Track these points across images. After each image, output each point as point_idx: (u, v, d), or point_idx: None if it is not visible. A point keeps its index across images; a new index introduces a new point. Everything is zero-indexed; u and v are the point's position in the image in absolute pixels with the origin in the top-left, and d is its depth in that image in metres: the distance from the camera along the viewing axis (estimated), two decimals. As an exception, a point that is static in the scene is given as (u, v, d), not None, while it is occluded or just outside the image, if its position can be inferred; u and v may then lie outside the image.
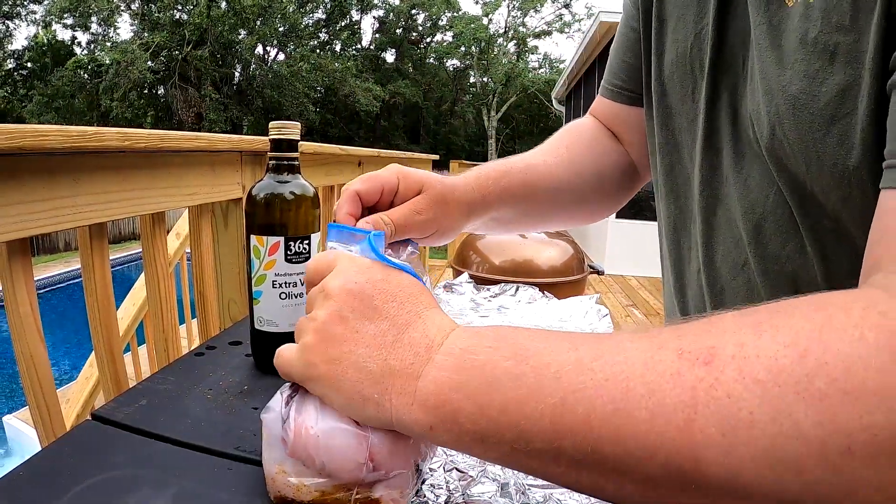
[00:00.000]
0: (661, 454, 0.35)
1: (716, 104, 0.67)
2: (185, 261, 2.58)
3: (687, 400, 0.34)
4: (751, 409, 0.32)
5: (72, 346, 6.78)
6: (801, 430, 0.31)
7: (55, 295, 10.46)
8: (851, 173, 0.49)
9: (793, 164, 0.55)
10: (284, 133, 0.80)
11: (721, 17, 0.65)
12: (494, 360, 0.42)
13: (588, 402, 0.37)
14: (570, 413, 0.37)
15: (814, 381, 0.31)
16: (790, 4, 0.54)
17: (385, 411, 0.45)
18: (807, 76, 0.51)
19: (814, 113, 0.51)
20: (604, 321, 1.06)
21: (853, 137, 0.48)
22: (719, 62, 0.66)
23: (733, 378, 0.33)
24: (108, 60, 23.06)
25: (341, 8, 29.59)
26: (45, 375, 1.07)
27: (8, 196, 0.93)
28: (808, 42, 0.51)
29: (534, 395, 0.39)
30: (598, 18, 9.18)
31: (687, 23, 0.70)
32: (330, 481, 0.49)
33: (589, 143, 0.92)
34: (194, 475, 0.58)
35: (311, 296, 0.54)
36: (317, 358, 0.48)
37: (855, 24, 0.47)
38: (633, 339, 0.39)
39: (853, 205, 0.51)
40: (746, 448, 0.32)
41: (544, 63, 34.83)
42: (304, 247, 0.80)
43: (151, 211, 1.31)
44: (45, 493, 0.53)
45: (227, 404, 0.73)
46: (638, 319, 5.85)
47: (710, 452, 0.33)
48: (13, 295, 1.01)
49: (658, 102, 0.77)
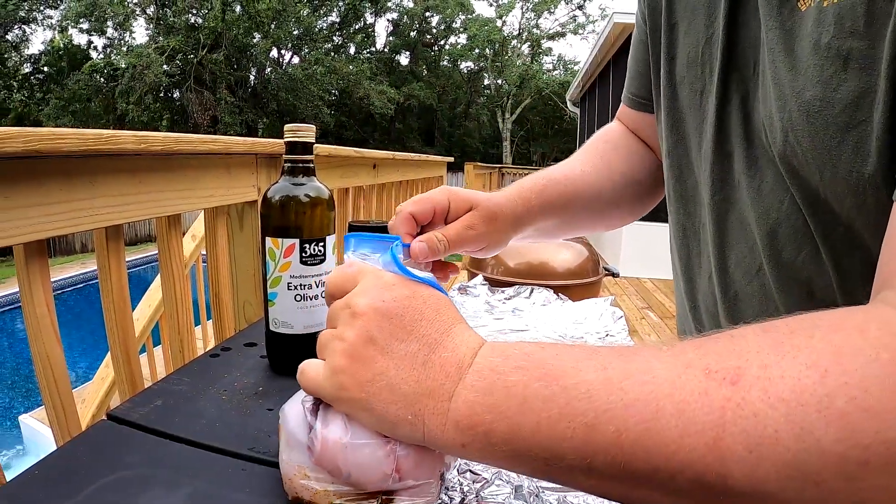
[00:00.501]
0: (689, 470, 0.36)
1: (726, 107, 0.66)
2: (200, 263, 2.60)
3: (715, 419, 0.35)
4: (776, 427, 0.34)
5: (88, 346, 6.83)
6: (822, 446, 0.33)
7: (71, 296, 10.55)
8: (867, 181, 0.49)
9: (806, 171, 0.54)
10: (299, 135, 0.80)
11: (732, 20, 0.65)
12: (524, 381, 0.42)
13: (619, 421, 0.38)
14: (601, 432, 0.38)
15: (834, 400, 0.33)
16: (803, 9, 0.53)
17: (418, 431, 0.46)
18: (820, 82, 0.50)
19: (828, 120, 0.50)
20: (619, 323, 1.05)
21: (869, 145, 0.48)
22: (730, 65, 0.65)
23: (759, 398, 0.35)
24: (124, 64, 23.22)
25: (355, 11, 29.68)
26: (61, 375, 1.08)
27: (25, 198, 0.93)
28: (822, 47, 0.50)
29: (565, 416, 0.40)
30: (612, 19, 9.14)
31: (697, 27, 0.70)
32: (353, 490, 0.49)
33: (619, 149, 0.95)
34: (209, 475, 0.58)
35: (334, 311, 0.53)
36: (348, 381, 0.48)
37: (869, 29, 0.46)
38: (659, 358, 0.40)
39: (867, 211, 0.51)
40: (771, 463, 0.34)
41: (558, 65, 34.75)
42: (319, 249, 0.81)
43: (167, 213, 1.32)
44: (60, 492, 0.53)
45: (241, 405, 0.74)
46: (653, 322, 5.83)
47: (737, 467, 0.35)
48: (30, 296, 1.02)
49: (668, 106, 0.77)
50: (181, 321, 1.48)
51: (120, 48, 24.62)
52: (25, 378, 7.41)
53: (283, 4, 24.62)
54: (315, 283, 0.81)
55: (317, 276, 0.81)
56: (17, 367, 8.09)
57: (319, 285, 0.82)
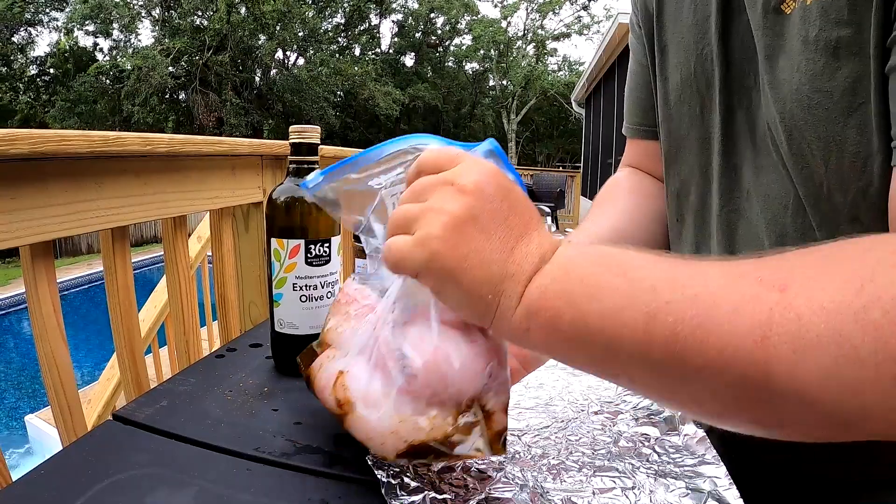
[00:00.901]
0: (737, 366, 0.38)
1: (731, 123, 0.69)
2: (206, 264, 2.60)
3: (764, 319, 0.38)
4: (818, 332, 0.36)
5: (94, 347, 6.84)
6: (860, 354, 0.35)
7: (77, 297, 10.58)
8: (873, 159, 0.52)
9: (811, 163, 0.57)
10: (305, 137, 0.80)
11: (724, 36, 0.67)
12: (598, 272, 0.45)
13: (678, 313, 0.40)
14: (661, 322, 0.41)
15: (870, 312, 0.35)
16: (788, 11, 0.56)
17: (490, 312, 0.48)
18: (814, 75, 0.53)
19: (829, 108, 0.53)
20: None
21: (871, 125, 0.51)
22: (728, 80, 0.67)
23: (803, 304, 0.37)
24: (130, 66, 23.26)
25: (360, 12, 29.69)
26: (67, 376, 1.08)
27: (32, 200, 0.94)
28: (810, 41, 0.53)
29: (631, 305, 0.42)
30: (617, 20, 9.14)
31: (688, 46, 0.72)
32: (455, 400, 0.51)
33: (631, 193, 0.96)
34: (214, 475, 0.58)
35: (428, 185, 0.52)
36: (445, 252, 0.48)
37: (854, 16, 0.49)
38: (717, 267, 0.43)
39: (872, 192, 0.54)
40: (813, 365, 0.36)
41: (563, 65, 34.69)
42: (324, 250, 0.81)
43: (173, 214, 1.32)
44: (65, 491, 0.54)
45: (246, 406, 0.74)
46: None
47: (781, 367, 0.37)
48: (36, 296, 1.02)
49: (666, 126, 0.79)
50: (187, 322, 1.48)
51: (125, 50, 24.65)
52: (31, 378, 7.42)
53: (289, 6, 24.65)
54: (320, 284, 0.81)
55: (322, 276, 0.81)
56: (24, 367, 8.11)
57: (325, 286, 0.82)
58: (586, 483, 0.57)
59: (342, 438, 0.66)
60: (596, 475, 0.59)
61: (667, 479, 0.57)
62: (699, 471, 0.58)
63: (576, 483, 0.57)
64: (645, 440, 0.65)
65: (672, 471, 0.58)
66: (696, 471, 0.58)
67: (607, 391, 0.78)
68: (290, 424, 0.70)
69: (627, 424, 0.69)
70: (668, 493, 0.55)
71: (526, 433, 0.67)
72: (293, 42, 26.68)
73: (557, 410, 0.73)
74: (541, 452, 0.63)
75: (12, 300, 9.69)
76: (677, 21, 0.75)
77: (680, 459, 0.60)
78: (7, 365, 8.46)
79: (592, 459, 0.61)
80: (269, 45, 25.51)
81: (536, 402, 0.75)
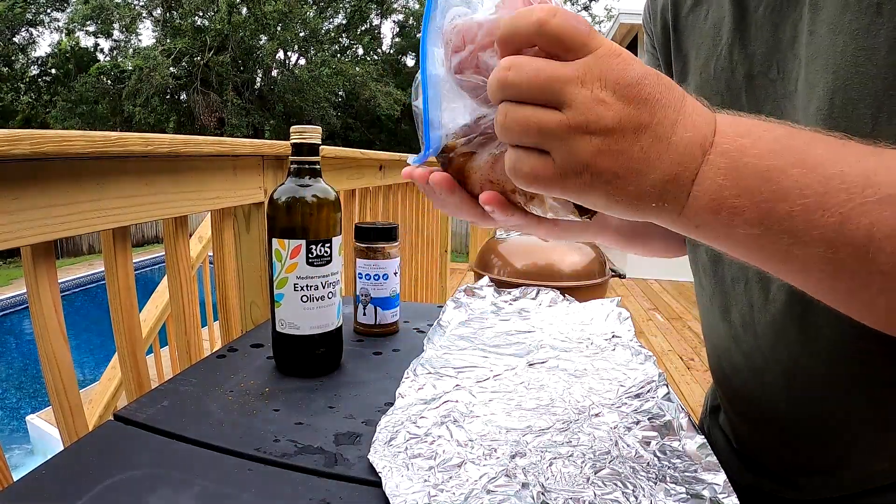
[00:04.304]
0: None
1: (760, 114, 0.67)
2: (207, 264, 2.60)
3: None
4: None
5: (95, 347, 6.85)
6: None
7: (79, 297, 10.59)
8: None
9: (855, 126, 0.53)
10: (306, 137, 0.80)
11: (740, 34, 0.66)
12: (780, 166, 0.41)
13: (874, 214, 0.39)
14: (855, 224, 0.39)
15: None
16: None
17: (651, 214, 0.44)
18: (859, 33, 0.52)
19: (878, 64, 0.51)
20: (625, 324, 1.05)
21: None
22: (752, 72, 0.66)
23: None
24: (131, 66, 23.25)
25: (361, 13, 29.68)
26: (68, 376, 1.08)
27: (33, 200, 0.94)
28: (852, 3, 0.52)
29: (822, 205, 0.39)
30: (619, 20, 9.12)
31: (707, 48, 0.72)
32: None
33: None
34: (215, 476, 0.58)
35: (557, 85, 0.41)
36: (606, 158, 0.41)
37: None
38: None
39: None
40: None
41: (564, 66, 34.68)
42: (325, 250, 0.81)
43: (174, 215, 1.32)
44: (67, 492, 0.54)
45: (248, 406, 0.74)
46: (660, 323, 5.81)
47: None
48: (37, 296, 1.02)
49: None
50: (188, 322, 1.48)
51: (126, 50, 24.66)
52: (33, 378, 7.43)
53: (290, 6, 24.64)
54: (321, 284, 0.81)
55: (323, 277, 0.81)
56: (25, 367, 8.12)
57: (326, 286, 0.82)
58: (587, 486, 0.57)
59: (343, 439, 0.66)
60: (596, 478, 0.58)
61: (667, 484, 0.57)
62: (699, 476, 0.58)
63: (576, 485, 0.57)
64: (645, 444, 0.64)
65: (672, 476, 0.58)
66: (697, 476, 0.58)
67: (608, 393, 0.78)
68: (292, 425, 0.70)
69: (628, 428, 0.69)
70: (667, 497, 0.55)
71: (527, 434, 0.67)
72: (294, 42, 26.67)
73: (558, 412, 0.73)
74: (541, 454, 0.63)
75: (13, 300, 9.70)
76: (695, 28, 0.74)
77: (680, 465, 0.60)
78: (8, 365, 8.47)
79: (593, 462, 0.61)
80: (271, 46, 25.50)
81: (538, 404, 0.75)
